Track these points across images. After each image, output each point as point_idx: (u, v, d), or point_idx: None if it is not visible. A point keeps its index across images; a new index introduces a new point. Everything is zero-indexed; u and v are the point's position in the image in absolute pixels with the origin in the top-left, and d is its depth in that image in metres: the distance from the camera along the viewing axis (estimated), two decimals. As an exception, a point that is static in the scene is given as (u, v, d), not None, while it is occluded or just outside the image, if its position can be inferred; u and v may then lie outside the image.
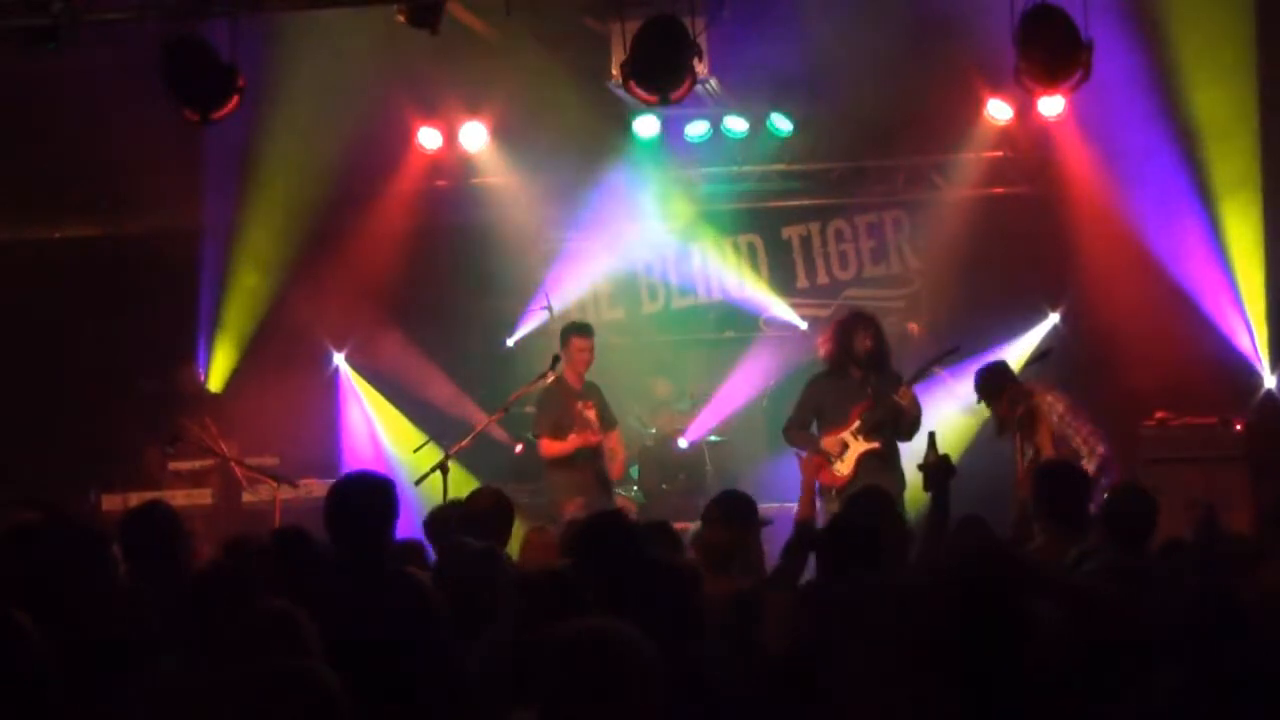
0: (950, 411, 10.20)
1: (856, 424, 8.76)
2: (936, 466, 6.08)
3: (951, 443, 8.46)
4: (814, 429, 8.93)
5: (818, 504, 7.71)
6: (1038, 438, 8.63)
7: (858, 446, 8.75)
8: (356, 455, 11.93)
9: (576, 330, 9.65)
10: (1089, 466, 8.29)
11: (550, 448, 9.38)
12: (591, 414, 9.34)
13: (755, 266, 12.18)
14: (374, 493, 4.96)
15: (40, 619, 3.76)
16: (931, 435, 6.45)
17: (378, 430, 12.18)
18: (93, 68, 9.87)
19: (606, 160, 11.51)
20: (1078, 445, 8.61)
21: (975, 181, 11.65)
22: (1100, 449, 8.62)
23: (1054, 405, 8.72)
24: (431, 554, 6.19)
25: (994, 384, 8.89)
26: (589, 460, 9.35)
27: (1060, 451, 8.51)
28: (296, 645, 3.79)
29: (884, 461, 8.73)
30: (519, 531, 6.80)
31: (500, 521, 6.43)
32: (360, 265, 11.82)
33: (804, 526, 6.27)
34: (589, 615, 3.92)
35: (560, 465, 9.38)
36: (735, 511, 6.17)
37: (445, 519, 6.61)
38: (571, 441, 9.27)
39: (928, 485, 6.08)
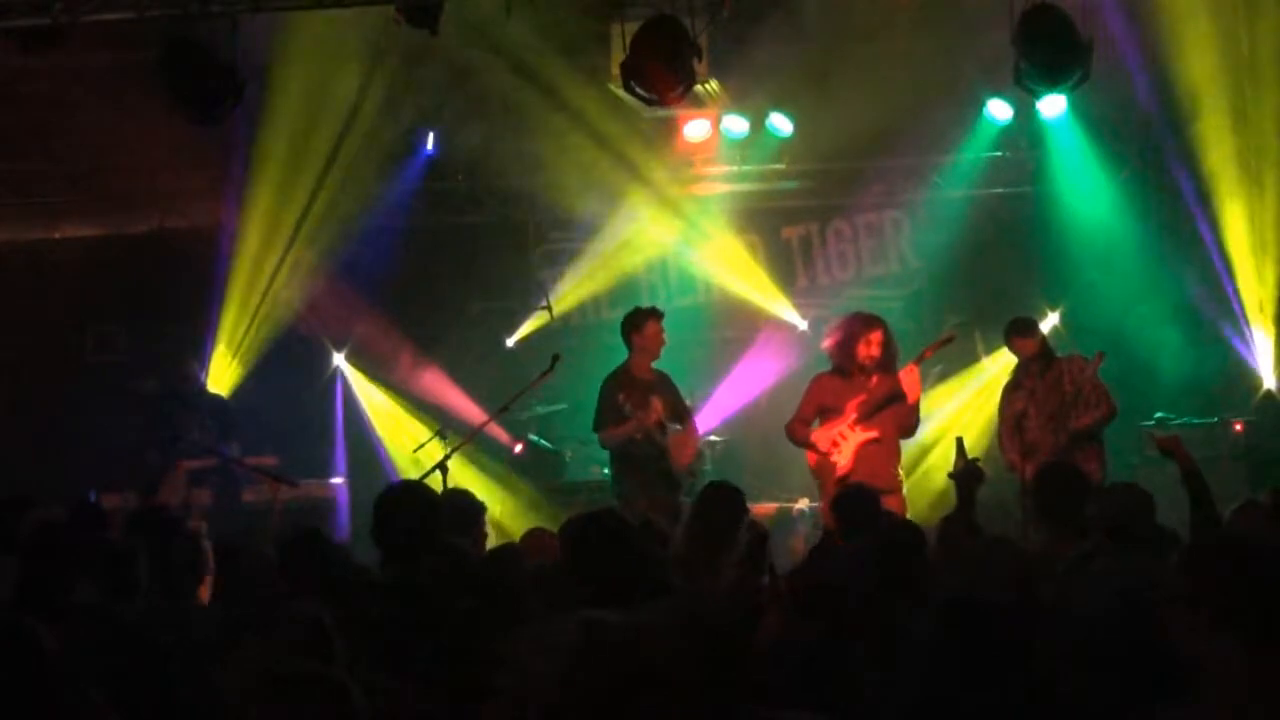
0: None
1: (853, 416, 8.71)
2: (966, 473, 6.06)
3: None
4: (816, 425, 8.89)
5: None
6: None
7: (855, 437, 8.65)
8: (356, 455, 11.92)
9: (651, 314, 9.28)
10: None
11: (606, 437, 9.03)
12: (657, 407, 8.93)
13: (755, 266, 12.17)
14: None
15: None
16: (959, 441, 6.47)
17: (377, 430, 12.17)
18: (93, 68, 9.87)
19: (606, 160, 11.49)
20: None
21: (975, 181, 11.64)
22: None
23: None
24: None
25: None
26: (653, 459, 8.94)
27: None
28: (324, 652, 3.79)
29: (882, 449, 8.60)
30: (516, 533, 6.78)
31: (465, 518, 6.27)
32: (360, 265, 11.82)
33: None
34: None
35: (624, 464, 9.03)
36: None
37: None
38: (625, 427, 8.85)
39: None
